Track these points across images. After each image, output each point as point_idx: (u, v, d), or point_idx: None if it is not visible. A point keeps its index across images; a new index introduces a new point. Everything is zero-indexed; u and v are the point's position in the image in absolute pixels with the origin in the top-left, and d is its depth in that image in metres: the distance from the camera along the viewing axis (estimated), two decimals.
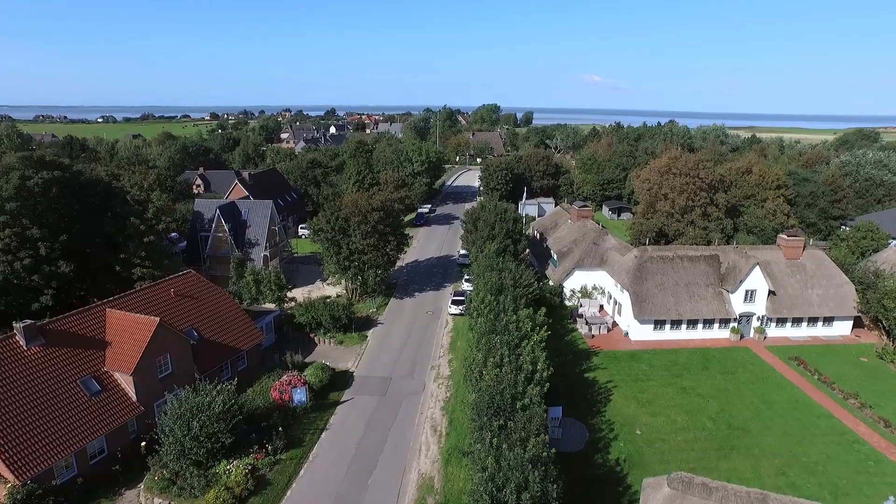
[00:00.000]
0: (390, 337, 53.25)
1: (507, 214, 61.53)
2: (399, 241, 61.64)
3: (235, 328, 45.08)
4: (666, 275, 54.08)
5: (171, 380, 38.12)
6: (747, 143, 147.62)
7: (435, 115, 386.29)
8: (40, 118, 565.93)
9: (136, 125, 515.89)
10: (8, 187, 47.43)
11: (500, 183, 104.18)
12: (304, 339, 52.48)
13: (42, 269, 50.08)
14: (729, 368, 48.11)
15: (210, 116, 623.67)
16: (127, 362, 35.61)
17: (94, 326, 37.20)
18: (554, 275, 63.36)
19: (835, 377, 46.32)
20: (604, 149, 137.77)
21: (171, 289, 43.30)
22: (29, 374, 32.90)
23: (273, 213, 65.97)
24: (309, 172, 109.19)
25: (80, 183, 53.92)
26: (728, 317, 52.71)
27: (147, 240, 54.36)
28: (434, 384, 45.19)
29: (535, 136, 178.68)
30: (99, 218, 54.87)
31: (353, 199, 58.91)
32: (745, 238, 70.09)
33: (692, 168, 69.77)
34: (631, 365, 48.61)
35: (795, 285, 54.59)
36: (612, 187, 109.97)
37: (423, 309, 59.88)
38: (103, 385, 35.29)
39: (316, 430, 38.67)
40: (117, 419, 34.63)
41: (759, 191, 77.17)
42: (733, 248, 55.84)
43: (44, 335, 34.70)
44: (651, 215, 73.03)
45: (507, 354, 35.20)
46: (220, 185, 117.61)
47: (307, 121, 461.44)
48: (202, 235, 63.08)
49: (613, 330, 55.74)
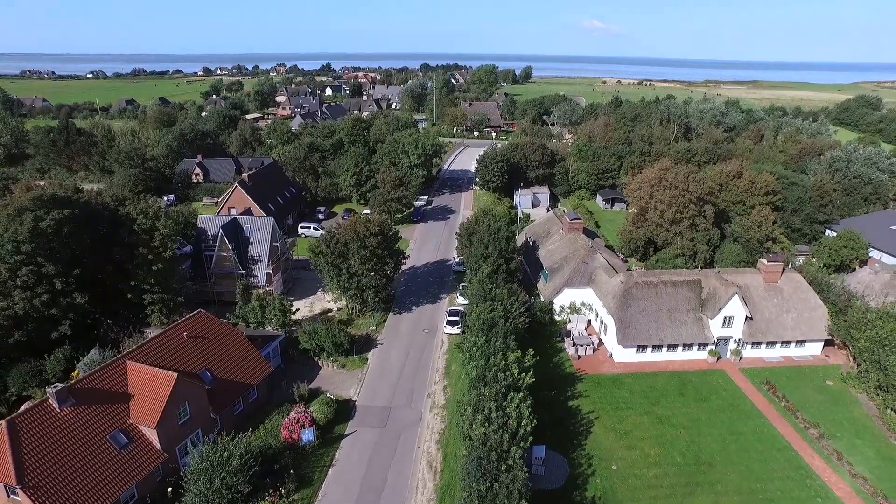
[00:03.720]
0: (389, 360, 56.80)
1: (500, 234, 63.94)
2: (396, 263, 64.28)
3: (246, 364, 48.50)
4: (649, 300, 57.21)
5: (190, 424, 41.90)
6: (744, 123, 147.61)
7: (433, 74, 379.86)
8: (27, 73, 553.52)
9: (128, 83, 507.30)
10: (22, 230, 49.81)
11: (496, 175, 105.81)
12: (309, 363, 56.11)
13: (59, 301, 53.17)
14: (703, 394, 51.96)
15: (203, 72, 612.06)
16: (150, 416, 39.15)
17: (117, 381, 40.54)
18: (544, 290, 66.45)
19: (800, 404, 50.27)
20: (601, 129, 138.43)
21: (184, 331, 46.43)
22: (64, 435, 36.48)
23: (274, 229, 68.33)
24: (307, 162, 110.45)
25: (89, 215, 56.11)
26: (706, 341, 56.19)
27: (156, 268, 57.04)
28: (430, 414, 49.05)
29: (533, 109, 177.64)
30: (108, 246, 57.42)
31: (351, 223, 61.20)
32: (732, 248, 72.83)
33: (682, 181, 71.72)
34: (613, 391, 52.38)
35: (772, 309, 57.84)
36: (606, 176, 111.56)
37: (420, 326, 63.26)
38: (130, 437, 38.96)
39: (323, 466, 42.71)
40: (145, 468, 38.46)
41: (748, 197, 79.32)
42: (715, 274, 58.69)
43: (73, 395, 38.08)
44: (641, 224, 75.44)
45: (494, 409, 38.69)
46: (219, 173, 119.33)
47: (302, 78, 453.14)
48: (207, 254, 65.71)
49: (599, 350, 59.31)
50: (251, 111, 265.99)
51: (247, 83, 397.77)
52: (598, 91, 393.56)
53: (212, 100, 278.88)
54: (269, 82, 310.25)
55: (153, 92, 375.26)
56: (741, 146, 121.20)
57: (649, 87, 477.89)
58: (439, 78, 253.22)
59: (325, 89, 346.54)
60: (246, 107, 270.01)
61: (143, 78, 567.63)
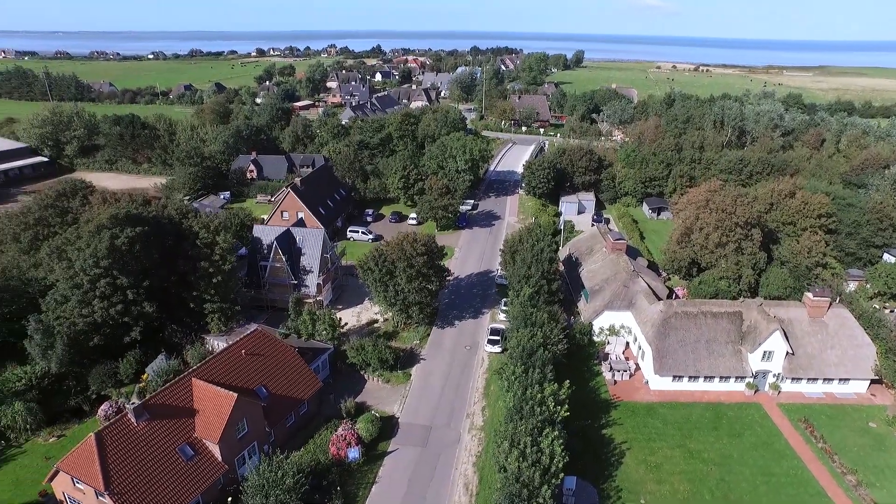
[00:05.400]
0: (431, 377, 59.53)
1: (543, 255, 65.25)
2: (441, 281, 66.53)
3: (298, 380, 52.09)
4: (688, 331, 57.73)
5: (247, 438, 45.80)
6: (804, 126, 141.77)
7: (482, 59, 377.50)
8: (94, 55, 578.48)
9: (185, 63, 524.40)
10: (101, 247, 54.57)
11: (543, 181, 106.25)
12: (356, 376, 59.49)
13: (131, 310, 58.09)
14: (737, 429, 52.50)
15: (256, 52, 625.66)
16: (213, 432, 43.10)
17: (184, 397, 44.63)
18: (585, 311, 67.61)
19: (839, 446, 50.16)
20: (651, 131, 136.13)
21: (243, 349, 50.25)
22: (140, 447, 40.78)
23: (325, 241, 71.64)
24: (356, 163, 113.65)
25: (156, 230, 60.61)
26: (744, 374, 56.41)
27: (215, 280, 61.26)
28: (468, 435, 51.61)
29: (583, 105, 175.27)
30: (173, 259, 61.98)
31: (399, 241, 63.71)
32: (778, 272, 71.77)
33: (729, 204, 70.87)
34: (646, 421, 53.58)
35: (815, 345, 57.36)
36: (654, 184, 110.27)
37: (462, 342, 65.68)
38: (196, 450, 43.06)
39: (367, 483, 46.00)
40: (209, 479, 42.54)
41: (800, 218, 77.56)
42: (757, 306, 58.52)
43: (148, 411, 42.33)
44: (686, 244, 75.11)
45: (529, 445, 40.83)
46: (272, 170, 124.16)
47: (353, 61, 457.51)
48: (262, 265, 69.76)
49: (636, 375, 60.35)
50: (302, 97, 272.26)
51: (298, 66, 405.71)
52: (651, 79, 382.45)
53: (265, 86, 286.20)
54: (321, 69, 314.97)
55: (209, 75, 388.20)
56: (798, 155, 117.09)
57: (706, 74, 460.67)
58: (488, 68, 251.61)
59: (375, 75, 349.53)
60: (298, 93, 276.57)
61: (199, 59, 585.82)
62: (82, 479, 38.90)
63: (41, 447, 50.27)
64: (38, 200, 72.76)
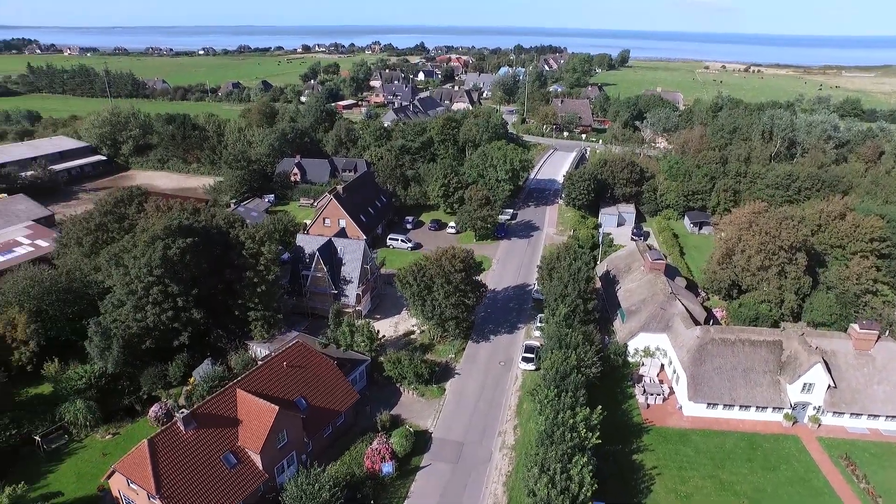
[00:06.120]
0: (465, 392, 60.67)
1: (580, 274, 65.37)
2: (478, 297, 67.43)
3: (336, 392, 54.04)
4: (725, 358, 57.05)
5: (286, 448, 47.96)
6: (859, 137, 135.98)
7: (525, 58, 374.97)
8: (150, 51, 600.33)
9: (234, 59, 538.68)
10: (155, 257, 57.72)
11: (583, 193, 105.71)
12: (392, 388, 61.15)
13: (181, 316, 61.17)
14: (772, 462, 51.68)
15: (302, 49, 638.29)
16: (255, 442, 45.35)
17: (229, 407, 47.03)
18: (620, 332, 67.46)
19: (883, 489, 48.61)
20: (696, 141, 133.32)
21: (284, 361, 52.47)
22: (188, 454, 43.31)
23: (365, 252, 73.53)
24: (398, 169, 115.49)
25: (206, 240, 63.54)
26: (782, 405, 55.38)
27: (260, 290, 63.84)
28: (499, 454, 52.55)
29: (626, 112, 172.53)
30: (220, 268, 64.87)
31: (437, 257, 64.93)
32: (824, 298, 69.75)
33: (774, 227, 69.24)
34: (678, 448, 53.32)
35: (861, 379, 55.81)
36: (696, 198, 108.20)
37: (497, 357, 66.54)
38: (239, 458, 45.41)
39: (400, 497, 47.57)
40: (250, 486, 44.81)
41: (850, 242, 75.12)
42: (798, 336, 57.29)
43: (196, 420, 44.86)
44: (727, 265, 73.83)
45: (559, 472, 41.50)
46: (316, 174, 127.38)
47: (396, 59, 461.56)
48: (304, 274, 72.21)
49: (669, 399, 60.00)
50: (346, 97, 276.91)
51: (342, 63, 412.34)
52: (698, 81, 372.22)
53: (310, 84, 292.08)
54: (365, 67, 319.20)
55: (256, 72, 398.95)
56: (852, 169, 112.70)
57: (757, 75, 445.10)
58: (531, 70, 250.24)
59: (418, 74, 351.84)
60: (342, 92, 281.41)
61: (247, 55, 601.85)
62: (136, 481, 41.67)
63: (99, 443, 53.74)
64: (99, 207, 77.10)
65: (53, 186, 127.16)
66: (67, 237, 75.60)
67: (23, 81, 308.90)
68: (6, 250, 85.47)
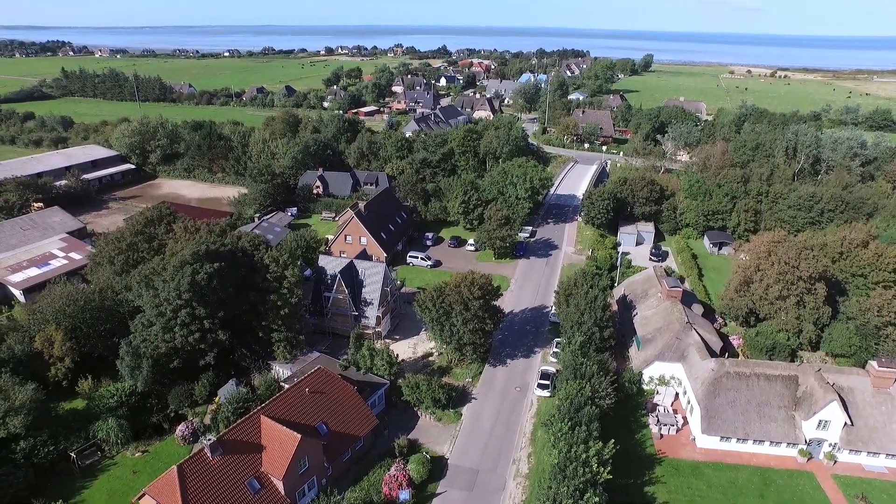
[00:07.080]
0: (481, 417, 61.93)
1: (597, 303, 66.19)
2: (496, 323, 68.60)
3: (355, 416, 55.74)
4: (739, 392, 57.43)
5: (308, 473, 49.75)
6: (888, 155, 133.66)
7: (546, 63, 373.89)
8: (177, 52, 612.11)
9: (258, 62, 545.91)
10: (183, 281, 60.06)
11: (602, 211, 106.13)
12: (409, 411, 62.69)
13: (207, 338, 63.45)
14: (785, 499, 51.94)
15: (325, 51, 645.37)
16: (278, 469, 47.21)
17: (253, 433, 49.00)
18: (635, 359, 68.09)
19: None
20: (717, 157, 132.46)
21: (306, 388, 54.34)
22: (215, 480, 45.34)
23: (386, 275, 75.20)
24: (418, 185, 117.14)
25: (231, 264, 65.74)
26: (797, 441, 55.58)
27: (283, 312, 65.86)
28: (513, 483, 53.71)
29: (648, 124, 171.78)
30: (245, 290, 67.06)
31: (456, 284, 66.26)
32: (843, 329, 69.50)
33: (793, 257, 69.16)
34: (690, 481, 53.88)
35: (879, 417, 55.72)
36: (716, 217, 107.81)
37: (513, 382, 67.66)
38: (262, 484, 47.32)
39: None
40: None
41: (872, 271, 74.59)
42: (815, 371, 57.38)
43: (222, 446, 46.87)
44: (744, 293, 73.88)
45: None
46: (337, 187, 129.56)
47: (418, 63, 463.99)
48: (325, 295, 74.19)
49: (683, 429, 60.50)
50: (368, 103, 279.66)
51: (365, 66, 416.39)
52: (722, 87, 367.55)
53: (332, 90, 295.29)
54: (387, 73, 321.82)
55: (280, 74, 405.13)
56: (879, 190, 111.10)
57: (783, 80, 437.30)
58: (553, 78, 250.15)
59: (440, 79, 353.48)
60: (364, 98, 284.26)
61: (271, 57, 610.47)
62: None
63: (129, 461, 56.21)
64: (130, 227, 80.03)
65: (85, 195, 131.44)
66: (100, 255, 78.61)
67: (57, 85, 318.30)
68: (43, 263, 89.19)
